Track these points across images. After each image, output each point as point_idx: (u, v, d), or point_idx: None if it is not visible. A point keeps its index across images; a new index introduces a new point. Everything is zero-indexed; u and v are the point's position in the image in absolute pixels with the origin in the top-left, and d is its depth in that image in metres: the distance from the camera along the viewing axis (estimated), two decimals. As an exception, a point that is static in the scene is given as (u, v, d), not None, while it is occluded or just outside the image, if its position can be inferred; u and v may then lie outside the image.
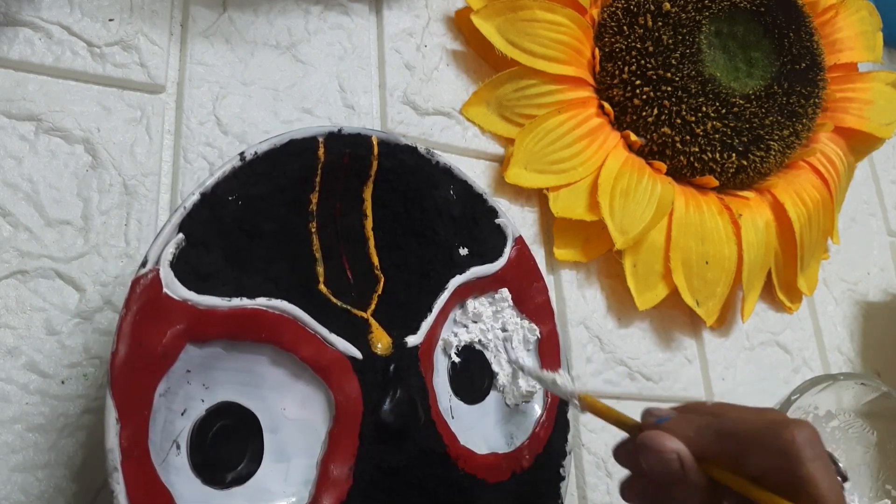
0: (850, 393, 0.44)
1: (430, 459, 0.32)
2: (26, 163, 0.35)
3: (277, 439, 0.31)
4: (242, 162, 0.31)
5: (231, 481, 0.29)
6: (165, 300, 0.28)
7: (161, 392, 0.28)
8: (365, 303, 0.34)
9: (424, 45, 0.47)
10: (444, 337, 0.37)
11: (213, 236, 0.30)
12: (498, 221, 0.39)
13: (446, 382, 0.36)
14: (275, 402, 0.31)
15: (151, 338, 0.27)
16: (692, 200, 0.47)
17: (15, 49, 0.36)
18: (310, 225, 0.34)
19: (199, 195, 0.30)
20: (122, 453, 0.26)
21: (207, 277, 0.29)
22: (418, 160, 0.37)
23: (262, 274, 0.31)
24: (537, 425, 0.37)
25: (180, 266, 0.29)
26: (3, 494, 0.30)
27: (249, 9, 0.43)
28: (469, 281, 0.36)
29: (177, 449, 0.28)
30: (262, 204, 0.32)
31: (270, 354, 0.31)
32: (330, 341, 0.31)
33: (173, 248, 0.28)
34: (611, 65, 0.47)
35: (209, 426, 0.29)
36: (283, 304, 0.30)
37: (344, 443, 0.30)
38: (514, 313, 0.39)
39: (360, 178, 0.36)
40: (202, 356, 0.29)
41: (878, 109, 0.53)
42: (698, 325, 0.48)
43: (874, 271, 0.58)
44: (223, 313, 0.29)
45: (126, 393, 0.26)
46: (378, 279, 0.35)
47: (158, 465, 0.27)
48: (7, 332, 0.33)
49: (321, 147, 0.34)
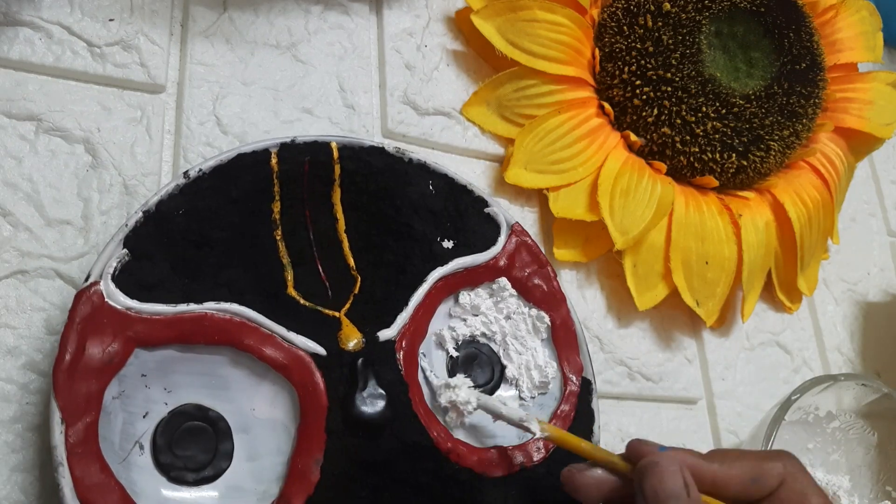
0: (851, 393, 0.44)
1: (416, 454, 0.32)
2: (26, 163, 0.35)
3: (248, 439, 0.32)
4: (187, 180, 0.34)
5: (199, 480, 0.31)
6: (108, 309, 0.30)
7: (114, 395, 0.30)
8: (341, 303, 0.35)
9: (424, 45, 0.47)
10: (435, 331, 0.37)
11: (158, 249, 0.32)
12: (488, 211, 0.39)
13: (444, 377, 0.36)
14: (243, 402, 0.32)
15: (94, 344, 0.29)
16: (692, 200, 0.47)
17: (15, 49, 0.36)
18: (275, 233, 0.35)
19: (142, 213, 0.32)
20: (68, 450, 0.28)
21: (153, 287, 0.31)
22: (387, 160, 0.38)
23: (212, 280, 0.33)
24: (553, 416, 0.37)
25: (124, 278, 0.31)
26: (3, 494, 0.30)
27: (249, 9, 0.43)
28: (454, 272, 0.36)
29: (140, 449, 0.30)
30: (210, 215, 0.34)
31: (230, 356, 0.32)
32: (289, 339, 0.32)
33: (115, 263, 0.31)
34: (611, 65, 0.47)
35: (174, 427, 0.31)
36: (233, 306, 0.31)
37: (310, 438, 0.31)
38: (519, 302, 0.38)
39: (325, 183, 0.37)
40: (155, 360, 0.31)
41: (878, 109, 0.53)
42: (698, 325, 0.48)
43: (874, 271, 0.58)
44: (168, 319, 0.31)
45: (70, 395, 0.28)
46: (355, 280, 0.36)
47: (116, 463, 0.29)
48: (7, 332, 0.33)
49: (273, 158, 0.36)
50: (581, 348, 0.39)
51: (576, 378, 0.38)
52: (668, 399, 0.45)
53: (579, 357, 0.38)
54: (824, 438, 0.46)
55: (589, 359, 0.39)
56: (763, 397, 0.48)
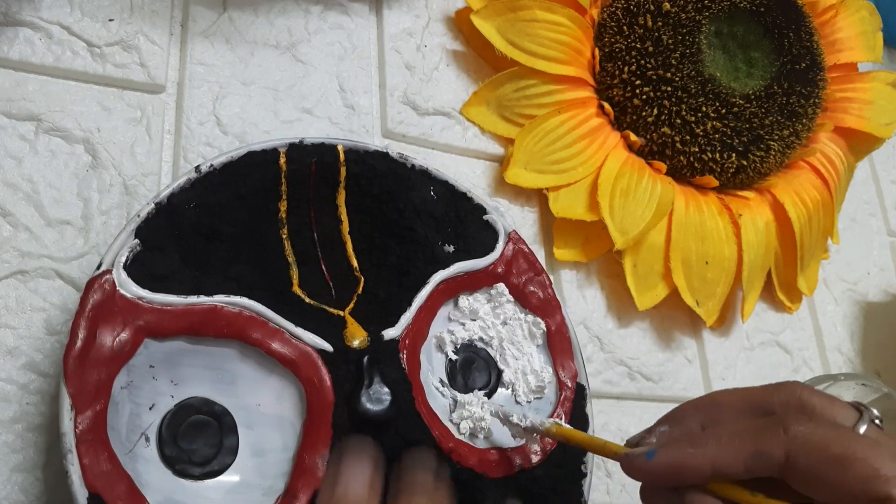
0: (851, 393, 0.44)
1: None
2: (26, 163, 0.35)
3: (254, 434, 0.32)
4: (198, 174, 0.34)
5: (204, 474, 0.31)
6: (119, 298, 0.30)
7: (122, 385, 0.30)
8: (344, 303, 0.35)
9: (424, 45, 0.47)
10: (436, 334, 0.37)
11: (168, 240, 0.32)
12: (486, 218, 0.39)
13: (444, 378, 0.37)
14: (249, 398, 0.32)
15: (105, 332, 0.29)
16: (692, 200, 0.47)
17: (15, 49, 0.36)
18: (281, 231, 0.35)
19: (154, 205, 0.32)
20: (77, 437, 0.27)
21: (164, 278, 0.31)
22: (390, 164, 0.38)
23: (222, 274, 0.33)
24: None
25: (135, 268, 0.31)
26: (3, 494, 0.30)
27: (249, 9, 0.43)
28: (455, 276, 0.37)
29: (146, 441, 0.30)
30: (220, 210, 0.34)
31: (238, 349, 0.32)
32: (297, 335, 0.32)
33: (127, 252, 0.31)
34: (611, 65, 0.47)
35: (180, 420, 0.31)
36: (243, 300, 0.32)
37: (317, 434, 0.31)
38: (515, 308, 0.39)
39: (331, 185, 0.37)
40: (164, 351, 0.31)
41: (878, 109, 0.53)
42: (698, 325, 0.48)
43: (874, 271, 0.58)
44: (179, 310, 0.31)
45: (80, 382, 0.28)
46: (358, 280, 0.36)
47: (123, 454, 0.29)
48: (7, 332, 0.33)
49: (282, 157, 0.36)
50: (575, 354, 0.39)
51: (570, 383, 0.38)
52: (668, 399, 0.45)
53: (574, 362, 0.39)
54: (824, 438, 0.46)
55: (583, 364, 0.39)
56: (763, 397, 0.48)
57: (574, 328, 0.40)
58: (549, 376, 0.38)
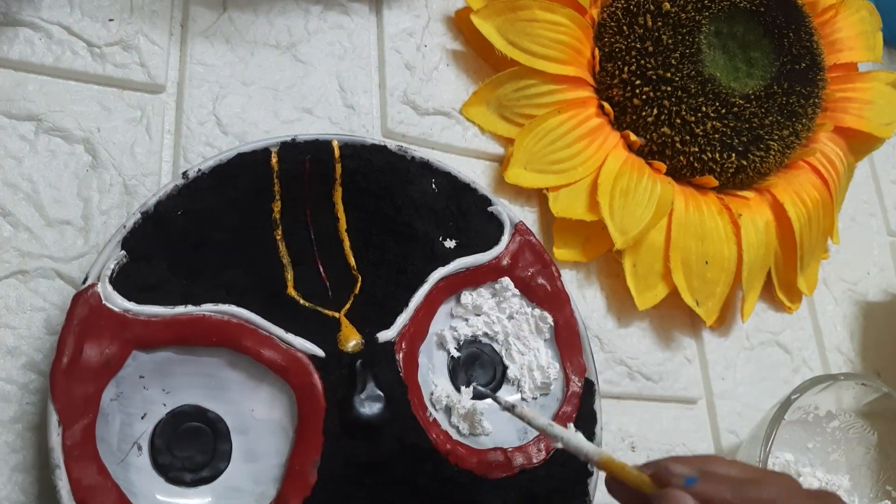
0: (851, 393, 0.44)
1: (415, 455, 0.32)
2: (26, 163, 0.35)
3: (247, 440, 0.32)
4: (186, 180, 0.34)
5: (197, 480, 0.31)
6: (105, 312, 0.30)
7: (112, 397, 0.30)
8: (341, 303, 0.35)
9: (424, 45, 0.47)
10: (437, 332, 0.36)
11: (156, 250, 0.32)
12: (491, 209, 0.39)
13: (445, 377, 0.36)
14: (242, 404, 0.32)
15: (92, 346, 0.29)
16: (692, 200, 0.47)
17: (15, 49, 0.36)
18: (275, 233, 0.35)
19: (140, 214, 0.32)
20: (65, 452, 0.28)
21: (151, 288, 0.31)
22: (389, 158, 0.38)
23: (211, 281, 0.33)
24: (555, 418, 0.36)
25: (121, 280, 0.31)
26: (3, 494, 0.30)
27: (249, 9, 0.43)
28: (456, 272, 0.36)
29: (138, 450, 0.30)
30: (209, 215, 0.34)
31: (228, 358, 0.32)
32: (287, 341, 0.32)
33: (113, 264, 0.31)
34: (611, 65, 0.47)
35: (172, 428, 0.31)
36: (231, 308, 0.31)
37: (308, 440, 0.31)
38: (521, 302, 0.38)
39: (326, 182, 0.37)
40: (154, 362, 0.31)
41: (877, 109, 0.53)
42: (698, 324, 0.48)
43: (874, 271, 0.58)
44: (166, 321, 0.31)
45: (67, 397, 0.28)
46: (356, 279, 0.36)
47: (114, 464, 0.29)
48: (7, 332, 0.33)
49: (274, 157, 0.36)
50: (584, 349, 0.39)
51: (578, 379, 0.38)
52: (668, 399, 0.45)
53: (582, 358, 0.38)
54: (824, 438, 0.46)
55: (592, 360, 0.39)
56: (763, 397, 0.48)
57: (583, 322, 0.39)
58: (555, 372, 0.37)
